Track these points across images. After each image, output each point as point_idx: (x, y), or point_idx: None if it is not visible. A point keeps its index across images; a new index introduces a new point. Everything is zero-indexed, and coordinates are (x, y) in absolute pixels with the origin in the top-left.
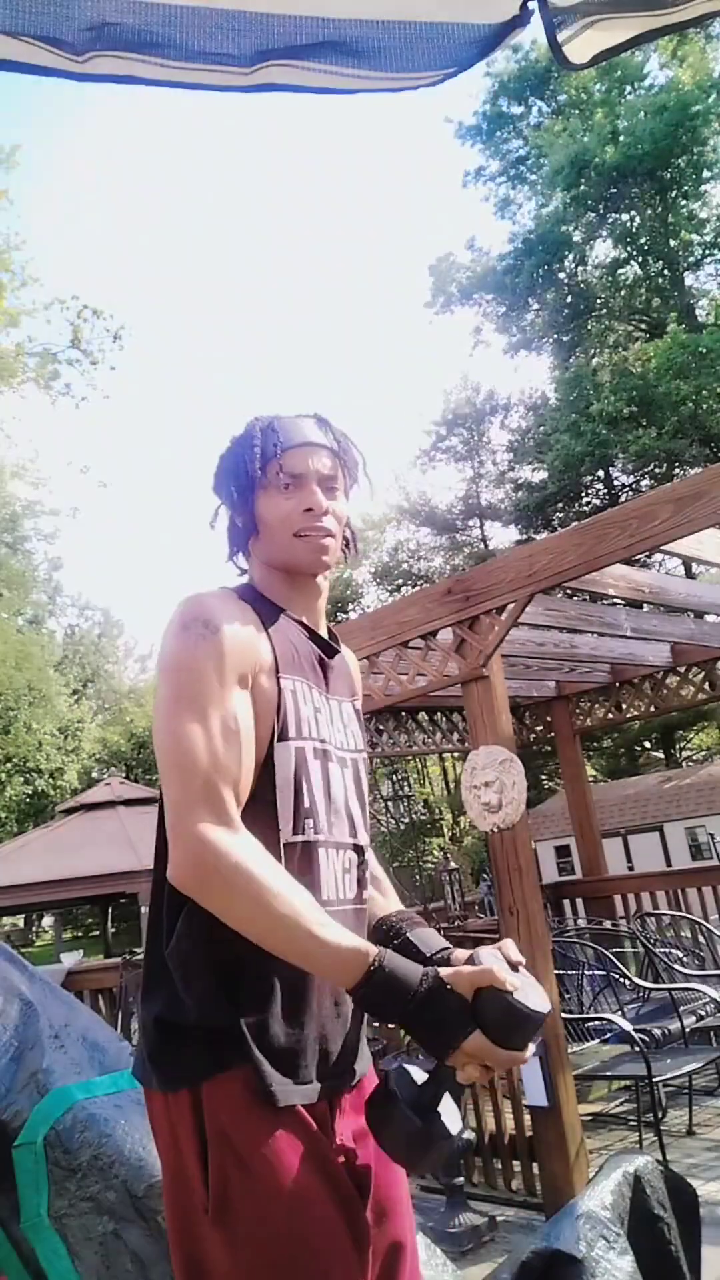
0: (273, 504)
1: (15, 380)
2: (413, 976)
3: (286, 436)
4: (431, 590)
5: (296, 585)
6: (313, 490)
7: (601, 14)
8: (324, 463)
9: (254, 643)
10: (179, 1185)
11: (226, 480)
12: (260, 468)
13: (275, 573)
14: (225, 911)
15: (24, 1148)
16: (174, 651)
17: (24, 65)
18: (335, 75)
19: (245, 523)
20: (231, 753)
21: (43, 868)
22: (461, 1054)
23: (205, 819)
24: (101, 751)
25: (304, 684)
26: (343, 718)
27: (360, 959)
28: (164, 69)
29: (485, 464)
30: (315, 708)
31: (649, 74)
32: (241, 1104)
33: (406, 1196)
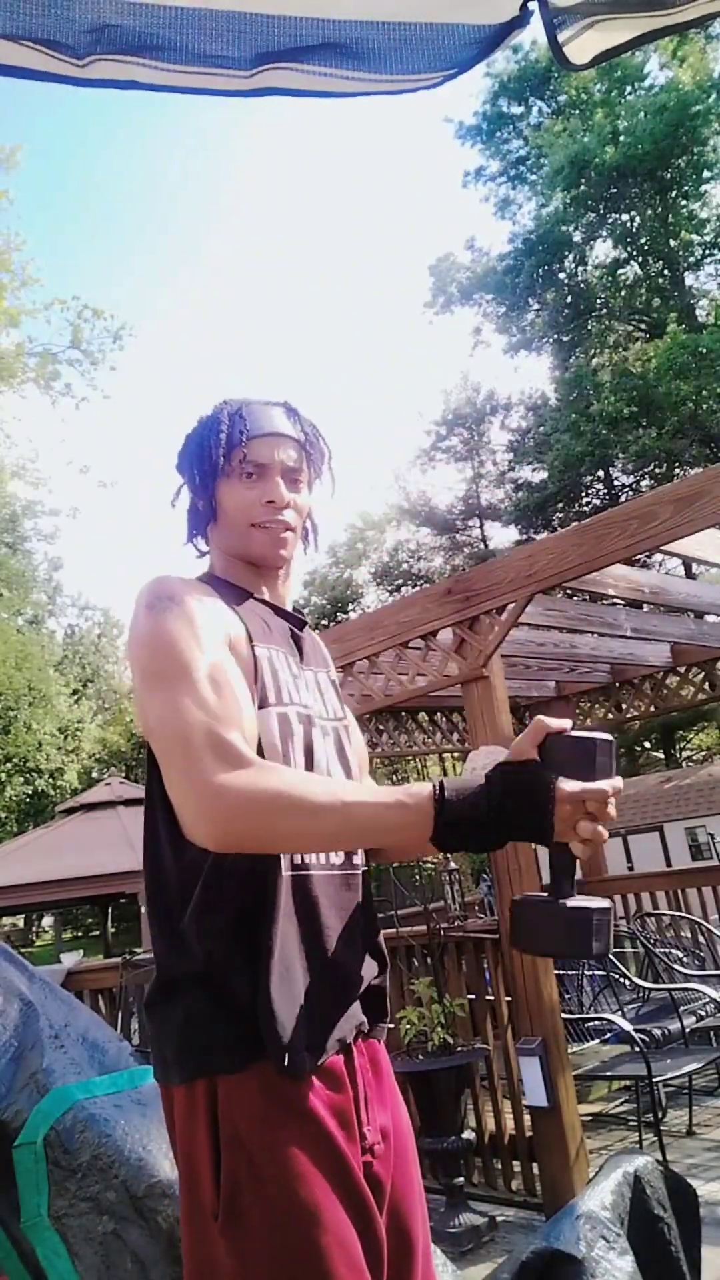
0: (234, 493)
1: (15, 380)
2: (477, 780)
3: (254, 424)
4: (431, 590)
5: (258, 572)
6: (275, 482)
7: (602, 14)
8: (289, 454)
9: (223, 613)
10: (190, 1188)
11: (190, 462)
12: (224, 454)
13: (236, 561)
14: (269, 836)
15: (24, 1148)
16: (143, 630)
17: (25, 70)
18: (335, 78)
19: (205, 508)
20: (226, 700)
21: (43, 868)
22: (563, 808)
23: (216, 769)
24: (101, 751)
25: (279, 652)
26: (320, 687)
27: (422, 793)
28: (164, 73)
29: (485, 464)
30: (293, 674)
31: (649, 74)
32: (257, 1107)
33: (421, 1198)
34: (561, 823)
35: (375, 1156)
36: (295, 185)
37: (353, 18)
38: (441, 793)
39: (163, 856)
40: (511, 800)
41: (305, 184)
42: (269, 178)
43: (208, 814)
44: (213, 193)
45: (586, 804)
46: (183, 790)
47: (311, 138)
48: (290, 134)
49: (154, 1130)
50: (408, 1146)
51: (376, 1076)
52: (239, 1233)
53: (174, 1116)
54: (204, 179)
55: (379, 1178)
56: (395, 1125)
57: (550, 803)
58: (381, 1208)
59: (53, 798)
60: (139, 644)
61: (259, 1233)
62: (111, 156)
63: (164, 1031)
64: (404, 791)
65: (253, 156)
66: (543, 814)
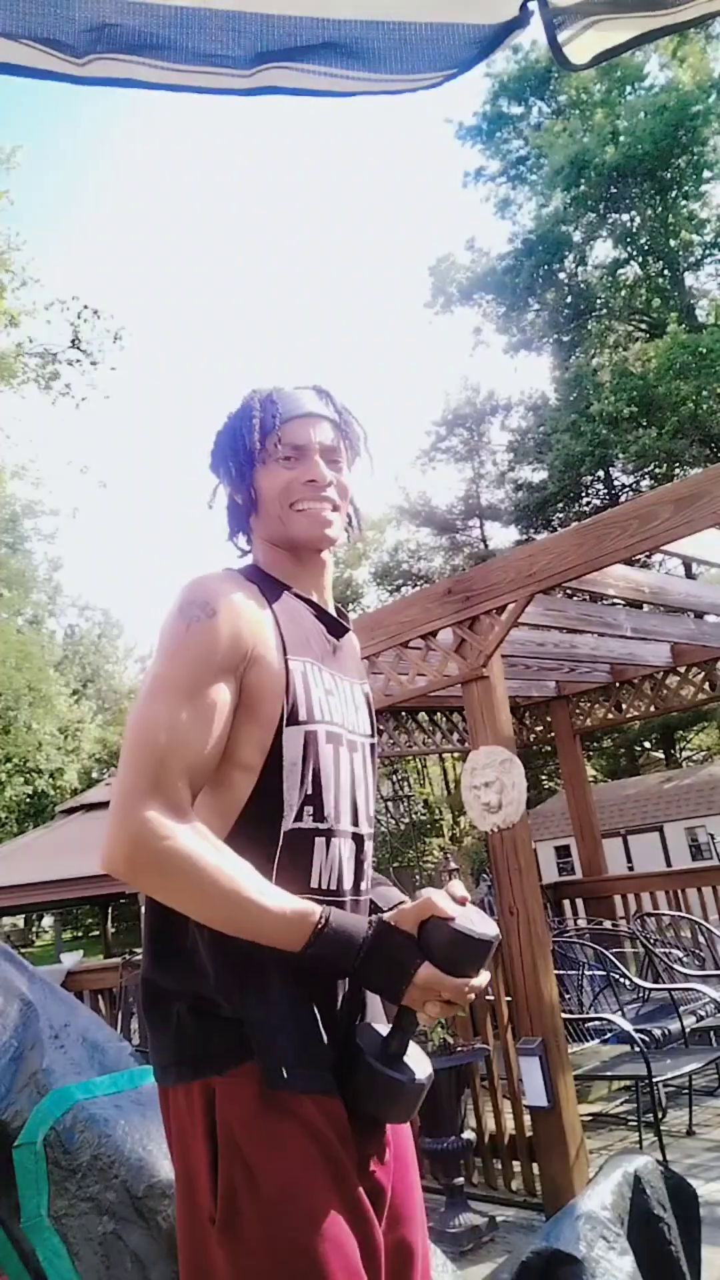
0: (273, 477)
1: (15, 380)
2: (359, 927)
3: (286, 408)
4: (431, 590)
5: (302, 561)
6: (315, 462)
7: (602, 14)
8: (326, 434)
9: (255, 626)
10: (187, 1191)
11: (224, 456)
12: (260, 440)
13: (278, 550)
14: (161, 893)
15: (24, 1148)
16: (168, 636)
17: (24, 69)
18: (335, 78)
19: (245, 499)
20: (197, 741)
21: (43, 868)
22: (415, 989)
23: (151, 806)
24: (101, 751)
25: (314, 665)
26: (354, 701)
27: (306, 919)
28: (164, 72)
29: (485, 464)
30: (327, 689)
31: (649, 74)
32: (254, 1110)
33: (420, 1202)
34: (413, 1000)
35: (380, 1162)
36: (295, 185)
37: (353, 17)
38: (323, 928)
39: None
40: (377, 960)
41: (305, 184)
42: (269, 178)
43: (120, 840)
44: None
45: (441, 993)
46: (116, 806)
47: (311, 138)
48: (290, 134)
49: (154, 1130)
50: (406, 1150)
51: None
52: (235, 1236)
53: (171, 1119)
54: (204, 179)
55: (380, 1181)
56: (395, 1131)
57: (405, 983)
58: (381, 1212)
59: (53, 798)
60: (160, 647)
61: (255, 1237)
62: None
63: (160, 1033)
64: (295, 910)
65: (253, 157)
66: (395, 990)
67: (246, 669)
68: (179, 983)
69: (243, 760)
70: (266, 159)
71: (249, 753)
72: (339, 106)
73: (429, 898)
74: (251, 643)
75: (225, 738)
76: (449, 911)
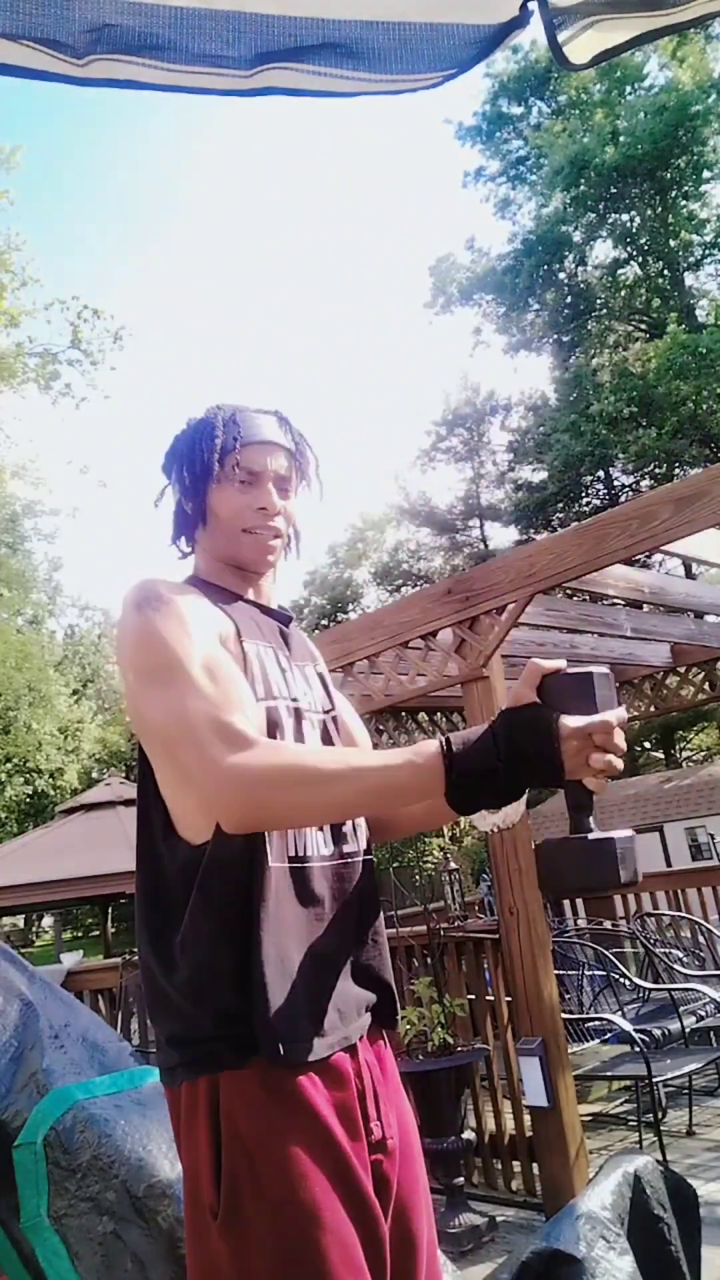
0: (226, 498)
1: (15, 380)
2: (480, 730)
3: (248, 432)
4: (431, 590)
5: (244, 575)
6: (268, 490)
7: (601, 14)
8: (280, 463)
9: (211, 611)
10: (192, 1186)
11: (180, 464)
12: (219, 460)
13: (221, 564)
14: (288, 813)
15: (24, 1148)
16: (133, 629)
17: (24, 70)
18: (334, 78)
19: (194, 511)
20: (225, 687)
21: (43, 868)
22: (569, 745)
23: (226, 752)
24: (101, 751)
25: (267, 647)
26: (308, 680)
27: (429, 749)
28: (164, 73)
29: (485, 464)
30: (282, 668)
31: (649, 74)
32: (257, 1103)
33: (426, 1195)
34: (571, 758)
35: (386, 1154)
36: (295, 186)
37: (352, 18)
38: (449, 746)
39: (160, 856)
40: (519, 743)
41: (305, 184)
42: (269, 178)
43: (225, 795)
44: (213, 193)
45: (593, 736)
46: (198, 776)
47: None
48: (290, 134)
49: (154, 1130)
50: (413, 1146)
51: (384, 1074)
52: (239, 1232)
53: (177, 1114)
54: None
55: (387, 1177)
56: (400, 1125)
57: (556, 739)
58: (388, 1207)
59: (53, 798)
60: (130, 644)
61: (258, 1232)
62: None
63: (164, 1031)
64: (412, 751)
65: (253, 157)
66: (551, 752)
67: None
68: (179, 982)
69: None
70: (267, 159)
71: None
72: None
73: (531, 662)
74: (214, 622)
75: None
76: (550, 666)
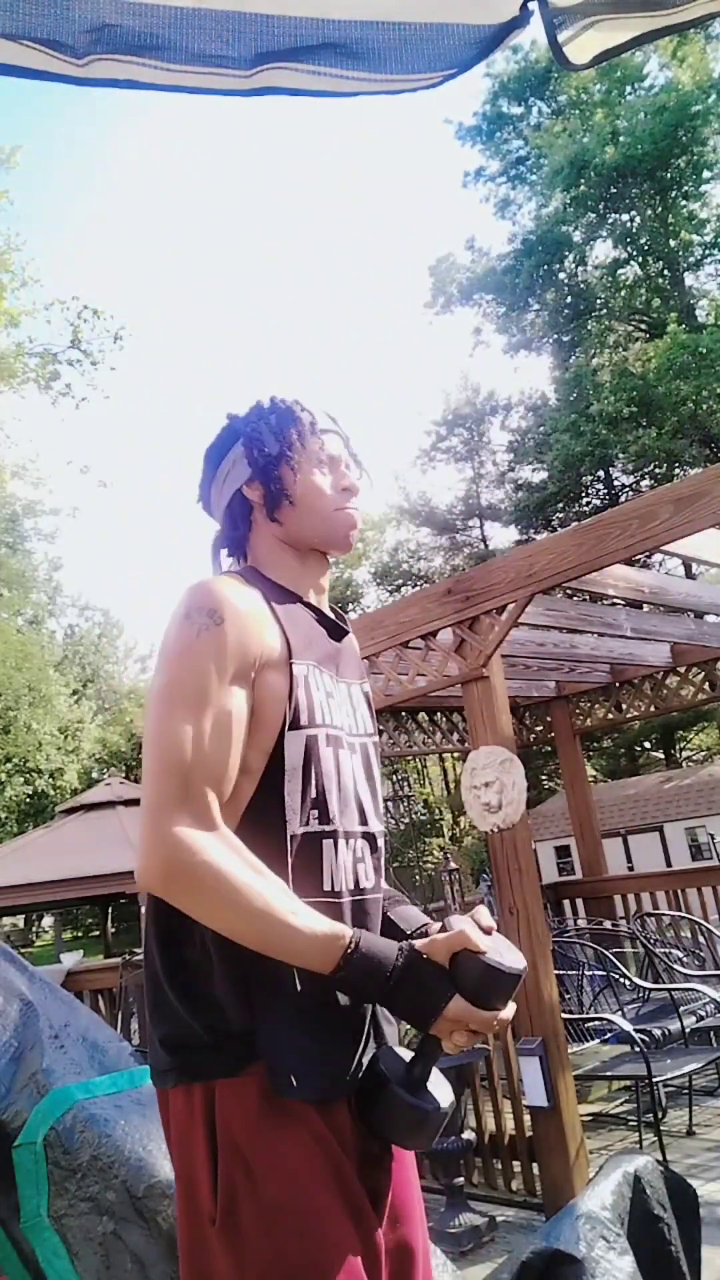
0: (312, 478)
1: (15, 380)
2: (389, 953)
3: (322, 419)
4: (431, 590)
5: (308, 564)
6: (349, 472)
7: (602, 14)
8: (348, 450)
9: (261, 632)
10: (187, 1192)
11: (252, 446)
12: (303, 440)
13: (288, 551)
14: (193, 909)
15: (24, 1148)
16: (175, 641)
17: (24, 70)
18: (334, 78)
19: (270, 493)
20: (220, 751)
21: (43, 868)
22: (445, 1021)
23: (181, 820)
24: (101, 751)
25: (316, 669)
26: (353, 701)
27: (336, 942)
28: (164, 73)
29: (485, 464)
30: (327, 693)
31: (649, 74)
32: (254, 1112)
33: (419, 1201)
34: (441, 1030)
35: (380, 1160)
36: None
37: (353, 18)
38: (353, 952)
39: None
40: (408, 990)
41: (306, 184)
42: (269, 178)
43: (155, 857)
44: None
45: (469, 1025)
46: (147, 818)
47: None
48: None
49: (154, 1130)
50: (406, 1151)
51: None
52: (236, 1239)
53: (171, 1120)
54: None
55: (380, 1183)
56: None
57: (434, 1015)
58: (381, 1212)
59: (53, 798)
60: (167, 654)
61: (255, 1239)
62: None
63: (161, 1034)
64: (326, 932)
65: (252, 157)
66: (424, 1020)
67: (256, 675)
68: (184, 991)
69: (246, 765)
70: (267, 159)
71: (251, 756)
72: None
73: (462, 931)
74: (259, 649)
75: (243, 745)
76: (481, 945)
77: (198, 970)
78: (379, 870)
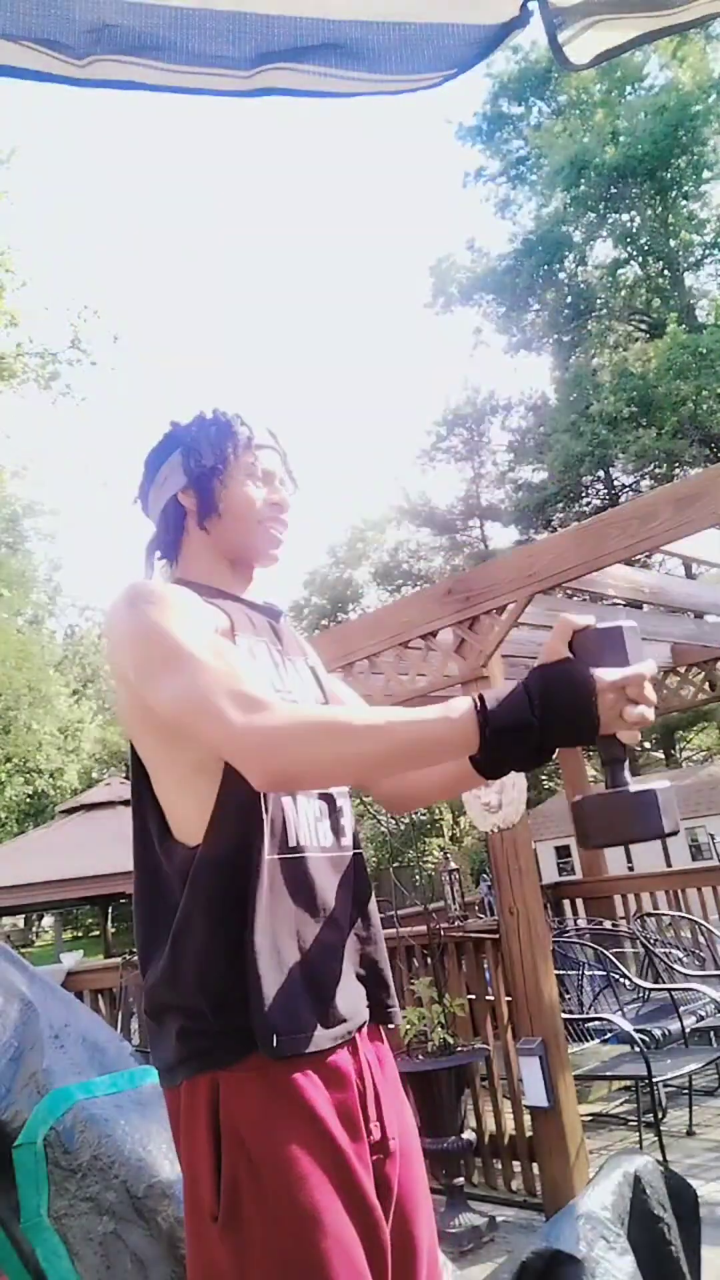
0: (241, 491)
1: (15, 380)
2: (513, 687)
3: (260, 435)
4: (431, 590)
5: (237, 573)
6: (281, 490)
7: (602, 14)
8: (284, 466)
9: (204, 607)
10: (191, 1188)
11: (188, 456)
12: (236, 453)
13: (219, 560)
14: (320, 767)
15: (24, 1148)
16: (128, 625)
17: (24, 71)
18: (334, 79)
19: (202, 502)
20: (232, 662)
21: (43, 868)
22: (605, 698)
23: (252, 714)
24: (101, 751)
25: (260, 641)
26: (300, 674)
27: (462, 707)
28: (164, 73)
29: (485, 464)
30: (275, 663)
31: (649, 74)
32: (258, 1105)
33: (427, 1198)
34: (605, 711)
35: (387, 1155)
36: (295, 186)
37: (353, 18)
38: (483, 702)
39: (157, 863)
40: (555, 698)
41: (305, 185)
42: (269, 178)
43: (257, 755)
44: (213, 193)
45: (627, 689)
46: (225, 744)
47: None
48: (290, 135)
49: (154, 1130)
50: (413, 1147)
51: (384, 1074)
52: (238, 1234)
53: (176, 1116)
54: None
55: (388, 1178)
56: (401, 1126)
57: (592, 693)
58: (389, 1210)
59: (53, 798)
60: (129, 641)
61: (258, 1234)
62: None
63: (164, 1034)
64: (444, 707)
65: (252, 157)
66: (587, 705)
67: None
68: (174, 984)
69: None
70: (267, 159)
71: None
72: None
73: (562, 619)
74: (208, 615)
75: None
76: (584, 621)
77: (185, 956)
78: (339, 830)
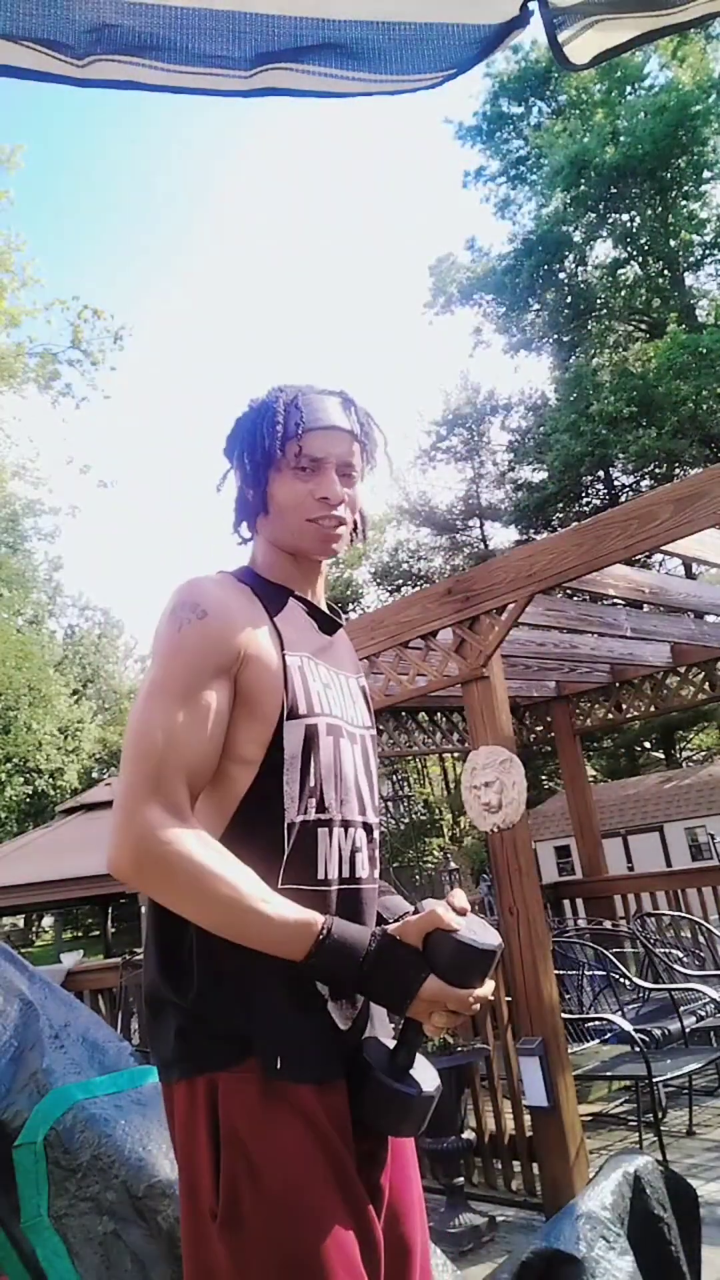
0: (288, 486)
1: (15, 380)
2: (362, 939)
3: (310, 416)
4: (431, 590)
5: (300, 565)
6: (331, 479)
7: (602, 14)
8: (344, 448)
9: (248, 625)
10: (190, 1187)
11: (241, 450)
12: (279, 446)
13: (279, 552)
14: (164, 897)
15: (24, 1148)
16: (161, 639)
17: (25, 71)
18: (334, 79)
19: (255, 499)
20: (195, 741)
21: (43, 868)
22: (421, 1002)
23: (152, 807)
24: (101, 751)
25: (311, 660)
26: (350, 694)
27: (308, 929)
28: (164, 73)
29: (485, 464)
30: (324, 683)
31: (649, 74)
32: (257, 1106)
33: (420, 1198)
34: (418, 1008)
35: (379, 1157)
36: (295, 186)
37: (353, 18)
38: (325, 939)
39: None
40: (382, 973)
41: (305, 185)
42: (269, 178)
43: (133, 846)
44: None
45: (446, 1005)
46: (118, 809)
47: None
48: (290, 135)
49: (154, 1130)
50: (405, 1146)
51: None
52: (237, 1233)
53: (174, 1115)
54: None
55: (379, 1180)
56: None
57: (409, 997)
58: (380, 1209)
59: (53, 798)
60: (154, 650)
61: (257, 1234)
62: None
63: (164, 1031)
64: (298, 920)
65: (252, 157)
66: (400, 1002)
67: (241, 668)
68: (180, 989)
69: (243, 756)
70: (267, 159)
71: (250, 749)
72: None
73: (432, 910)
74: (244, 641)
75: (222, 738)
76: (453, 924)
77: (190, 969)
78: (374, 861)
